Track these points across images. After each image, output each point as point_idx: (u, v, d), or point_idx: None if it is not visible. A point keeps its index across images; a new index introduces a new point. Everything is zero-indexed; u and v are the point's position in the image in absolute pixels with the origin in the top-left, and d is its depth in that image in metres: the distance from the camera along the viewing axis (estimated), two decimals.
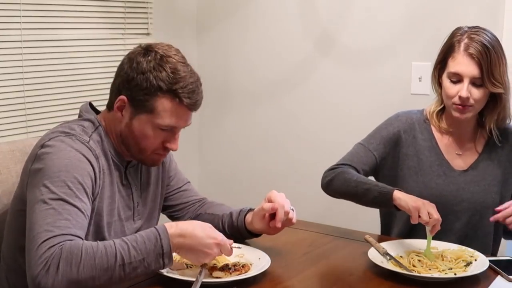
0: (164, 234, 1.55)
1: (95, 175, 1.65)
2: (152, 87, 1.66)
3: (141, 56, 1.70)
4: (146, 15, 3.32)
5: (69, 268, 1.45)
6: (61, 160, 1.60)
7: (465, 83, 2.01)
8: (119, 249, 1.50)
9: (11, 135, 2.70)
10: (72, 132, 1.68)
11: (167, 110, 1.67)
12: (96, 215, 1.68)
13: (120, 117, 1.72)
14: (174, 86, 1.66)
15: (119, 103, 1.71)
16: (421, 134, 2.17)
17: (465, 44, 2.02)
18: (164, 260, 1.54)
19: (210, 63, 3.58)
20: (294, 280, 1.78)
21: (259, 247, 1.87)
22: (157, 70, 1.66)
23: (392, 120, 2.22)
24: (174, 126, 1.71)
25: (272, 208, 1.80)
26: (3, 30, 2.68)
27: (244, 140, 3.56)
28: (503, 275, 1.76)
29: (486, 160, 2.14)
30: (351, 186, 2.07)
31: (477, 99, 2.03)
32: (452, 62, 2.04)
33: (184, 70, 1.69)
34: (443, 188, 2.12)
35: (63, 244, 1.47)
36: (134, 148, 1.74)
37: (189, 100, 1.68)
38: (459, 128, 2.15)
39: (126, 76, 1.70)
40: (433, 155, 2.15)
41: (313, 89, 3.31)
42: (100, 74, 3.11)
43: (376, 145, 2.19)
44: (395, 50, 3.05)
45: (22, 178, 1.71)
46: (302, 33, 3.30)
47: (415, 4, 2.97)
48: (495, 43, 2.03)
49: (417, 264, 1.79)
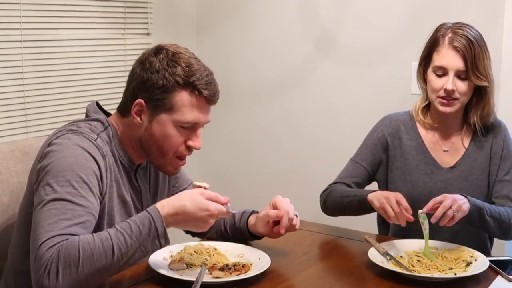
0: (157, 216, 1.54)
1: (101, 173, 1.64)
2: (169, 83, 1.65)
3: (152, 56, 1.69)
4: (146, 15, 3.32)
5: (69, 270, 1.45)
6: (66, 159, 1.59)
7: (450, 76, 2.05)
8: (115, 241, 1.50)
9: (11, 135, 2.70)
10: (79, 130, 1.67)
11: (187, 105, 1.67)
12: (108, 215, 1.67)
13: (138, 123, 1.70)
14: (191, 79, 1.66)
15: (136, 107, 1.69)
16: (406, 134, 2.20)
17: (450, 38, 2.07)
18: (160, 241, 1.55)
19: (210, 63, 3.51)
20: (294, 280, 1.78)
21: (259, 247, 1.87)
22: (171, 66, 1.66)
23: (377, 125, 2.28)
24: (195, 121, 1.70)
25: (277, 216, 1.80)
26: (3, 30, 2.68)
27: (244, 140, 3.56)
28: (503, 275, 1.76)
29: (473, 155, 2.16)
30: (338, 203, 2.16)
31: (462, 92, 2.06)
32: (437, 56, 2.08)
33: (197, 64, 1.69)
34: (431, 186, 2.14)
35: (60, 245, 1.47)
36: (155, 153, 1.72)
37: (207, 91, 1.68)
38: (445, 123, 2.17)
39: (140, 79, 1.68)
40: (420, 154, 2.17)
41: (313, 89, 3.31)
42: (100, 74, 3.11)
43: (363, 155, 2.25)
44: (395, 50, 3.05)
45: (30, 178, 1.70)
46: (302, 33, 3.30)
47: (415, 4, 2.97)
48: (478, 37, 2.08)
49: (416, 264, 1.79)
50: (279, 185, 3.44)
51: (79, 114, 2.85)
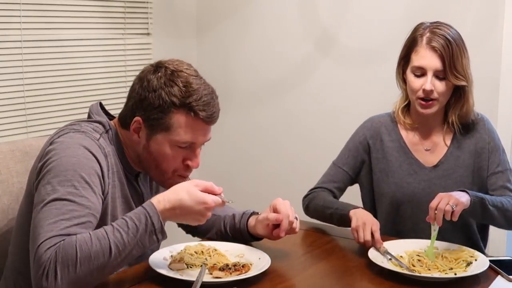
0: (153, 211, 1.53)
1: (103, 173, 1.63)
2: (165, 103, 1.62)
3: (151, 73, 1.66)
4: (146, 15, 3.32)
5: (67, 270, 1.45)
6: (68, 158, 1.58)
7: (429, 76, 2.04)
8: (112, 239, 1.49)
9: (11, 135, 2.70)
10: (82, 129, 1.66)
11: (183, 126, 1.64)
12: (111, 216, 1.67)
13: (137, 140, 1.69)
14: (188, 100, 1.62)
15: (134, 125, 1.68)
16: (388, 136, 2.20)
17: (428, 38, 2.06)
18: (157, 236, 1.54)
19: (210, 63, 3.58)
20: (294, 280, 1.78)
21: (259, 247, 1.87)
22: (168, 86, 1.63)
23: (359, 129, 2.28)
24: (192, 142, 1.68)
25: (276, 220, 1.80)
26: (3, 30, 2.68)
27: (244, 139, 3.56)
28: (503, 275, 1.76)
29: (456, 152, 2.15)
30: (320, 212, 2.16)
31: (441, 92, 2.06)
32: (415, 56, 2.07)
33: (196, 83, 1.65)
34: (415, 186, 2.14)
35: (58, 245, 1.46)
36: (154, 171, 1.72)
37: (204, 113, 1.64)
38: (425, 123, 2.17)
39: (138, 97, 1.67)
40: (402, 154, 2.17)
41: (313, 89, 3.31)
42: (100, 74, 3.11)
43: (345, 160, 2.25)
44: (395, 50, 3.03)
45: (30, 177, 1.70)
46: (302, 33, 3.30)
47: (415, 4, 2.97)
48: (456, 37, 2.07)
49: (416, 264, 1.79)
50: (279, 185, 3.44)
51: (79, 114, 2.86)
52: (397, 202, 2.14)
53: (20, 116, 2.78)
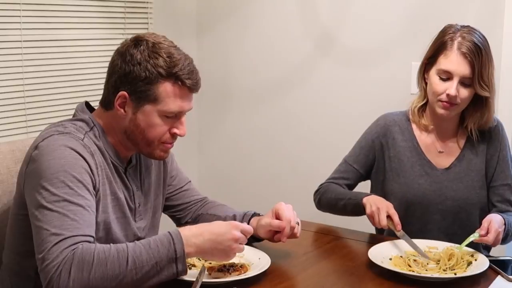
0: (178, 238, 1.55)
1: (92, 171, 1.63)
2: (152, 75, 1.65)
3: (132, 48, 1.70)
4: (146, 15, 3.32)
5: (81, 274, 1.46)
6: (56, 160, 1.58)
7: (455, 81, 2.02)
8: (131, 253, 1.50)
9: (11, 135, 2.70)
10: (65, 131, 1.66)
11: (171, 95, 1.67)
12: (103, 212, 1.67)
13: (123, 114, 1.70)
14: (174, 69, 1.66)
15: (119, 100, 1.69)
16: (401, 135, 2.19)
17: (459, 42, 2.03)
18: (177, 266, 1.53)
19: (210, 63, 3.58)
20: (294, 280, 1.78)
21: (259, 247, 1.87)
22: (153, 58, 1.66)
23: (372, 126, 2.27)
24: (180, 110, 1.70)
25: (279, 227, 1.81)
26: (3, 30, 2.68)
27: (244, 139, 3.56)
28: (503, 275, 1.76)
29: (468, 156, 2.15)
30: (333, 204, 2.18)
31: (464, 98, 2.05)
32: (444, 60, 2.05)
33: (178, 53, 1.69)
34: (426, 188, 2.13)
35: (76, 248, 1.47)
36: (141, 142, 1.73)
37: (190, 81, 1.68)
38: (441, 125, 2.16)
39: (122, 71, 1.69)
40: (414, 155, 2.16)
41: (313, 89, 3.31)
42: (100, 74, 3.10)
43: (356, 157, 2.25)
44: (395, 50, 3.05)
45: (18, 181, 1.70)
46: (302, 33, 3.30)
47: (415, 4, 2.97)
48: (485, 44, 2.06)
49: (412, 264, 1.79)
50: (279, 185, 3.44)
51: None
52: (406, 202, 2.13)
53: (20, 116, 2.78)
